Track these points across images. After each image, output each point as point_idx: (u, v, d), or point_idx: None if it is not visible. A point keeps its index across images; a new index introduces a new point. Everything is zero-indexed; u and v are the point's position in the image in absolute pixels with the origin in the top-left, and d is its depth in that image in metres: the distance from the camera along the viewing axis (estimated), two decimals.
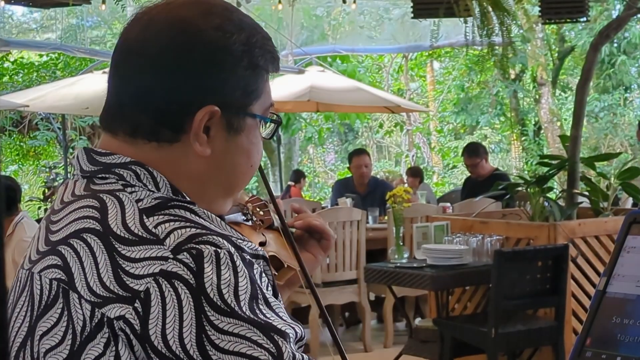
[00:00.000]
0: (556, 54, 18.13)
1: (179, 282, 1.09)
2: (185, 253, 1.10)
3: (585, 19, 8.34)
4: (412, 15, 7.86)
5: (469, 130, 21.30)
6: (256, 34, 1.26)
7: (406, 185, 10.06)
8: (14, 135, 16.64)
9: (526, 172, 16.09)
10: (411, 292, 6.80)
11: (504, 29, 7.01)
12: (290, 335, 1.11)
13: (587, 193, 6.02)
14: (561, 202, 5.98)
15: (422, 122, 22.34)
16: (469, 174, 8.89)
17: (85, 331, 1.10)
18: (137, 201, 1.18)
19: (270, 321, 1.10)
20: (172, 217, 1.16)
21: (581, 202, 6.09)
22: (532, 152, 18.24)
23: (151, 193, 1.20)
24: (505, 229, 5.64)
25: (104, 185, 1.21)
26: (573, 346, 1.14)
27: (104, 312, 1.09)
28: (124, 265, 1.11)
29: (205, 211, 1.21)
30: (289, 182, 12.08)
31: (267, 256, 1.22)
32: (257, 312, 1.10)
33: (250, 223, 1.49)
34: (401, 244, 5.96)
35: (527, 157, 18.44)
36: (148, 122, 1.22)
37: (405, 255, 5.84)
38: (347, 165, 8.84)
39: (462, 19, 7.28)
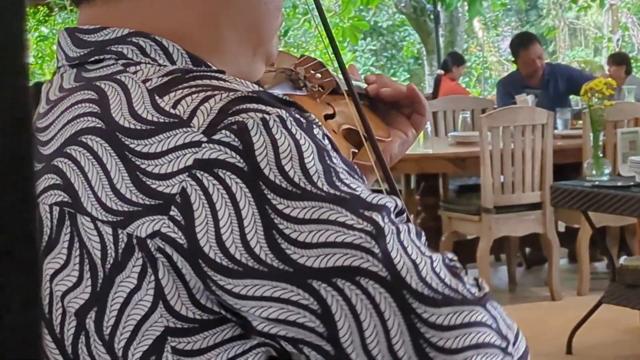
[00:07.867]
0: None
1: (224, 171, 1.04)
2: (223, 131, 1.05)
3: None
4: None
5: None
6: None
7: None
8: None
9: None
10: (614, 220, 6.80)
11: None
12: (389, 206, 1.08)
13: None
14: None
15: None
16: None
17: (108, 262, 1.08)
18: (145, 81, 1.14)
19: (358, 193, 1.06)
20: (193, 89, 1.10)
21: None
22: None
23: (162, 68, 1.16)
24: None
25: (99, 71, 1.19)
26: None
27: (130, 232, 1.07)
28: (143, 166, 1.07)
29: (238, 79, 1.16)
30: (438, 71, 11.82)
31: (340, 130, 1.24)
32: (339, 184, 1.06)
33: (304, 92, 1.45)
34: (601, 155, 5.98)
35: None
36: None
37: (607, 171, 5.85)
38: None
39: None
